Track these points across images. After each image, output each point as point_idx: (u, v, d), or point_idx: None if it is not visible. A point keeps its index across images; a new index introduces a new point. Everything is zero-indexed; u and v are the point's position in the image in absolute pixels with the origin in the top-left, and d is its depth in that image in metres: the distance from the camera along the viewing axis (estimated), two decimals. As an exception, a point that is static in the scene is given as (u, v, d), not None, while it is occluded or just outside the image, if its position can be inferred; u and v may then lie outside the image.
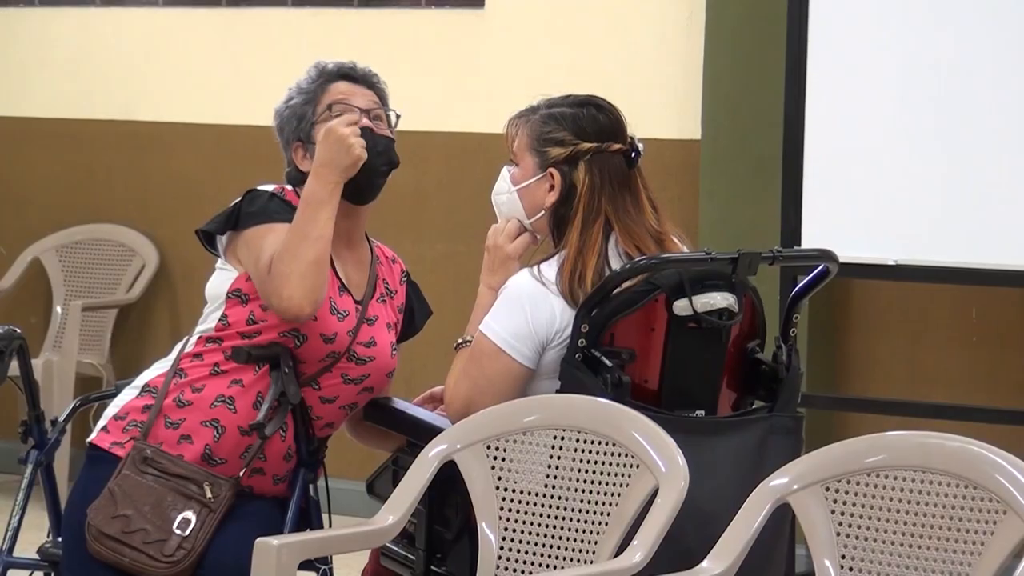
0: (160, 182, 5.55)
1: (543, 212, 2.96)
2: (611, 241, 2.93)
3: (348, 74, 3.09)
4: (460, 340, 2.99)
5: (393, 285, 3.14)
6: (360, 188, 3.02)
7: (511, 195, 2.98)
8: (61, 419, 3.26)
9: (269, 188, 3.04)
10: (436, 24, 5.24)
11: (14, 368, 3.18)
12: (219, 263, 3.05)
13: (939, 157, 4.33)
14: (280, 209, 2.98)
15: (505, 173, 3.01)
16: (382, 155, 3.03)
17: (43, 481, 3.24)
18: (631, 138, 2.99)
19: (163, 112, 5.55)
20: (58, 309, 5.61)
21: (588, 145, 2.94)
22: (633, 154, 2.97)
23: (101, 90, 5.61)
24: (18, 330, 3.18)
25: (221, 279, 3.02)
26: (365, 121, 3.03)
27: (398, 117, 3.10)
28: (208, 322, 3.02)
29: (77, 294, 5.58)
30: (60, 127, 5.65)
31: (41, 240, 5.66)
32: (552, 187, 2.94)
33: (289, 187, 3.06)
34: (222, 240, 3.03)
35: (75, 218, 5.65)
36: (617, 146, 2.96)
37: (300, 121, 3.06)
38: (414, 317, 3.17)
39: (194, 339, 3.02)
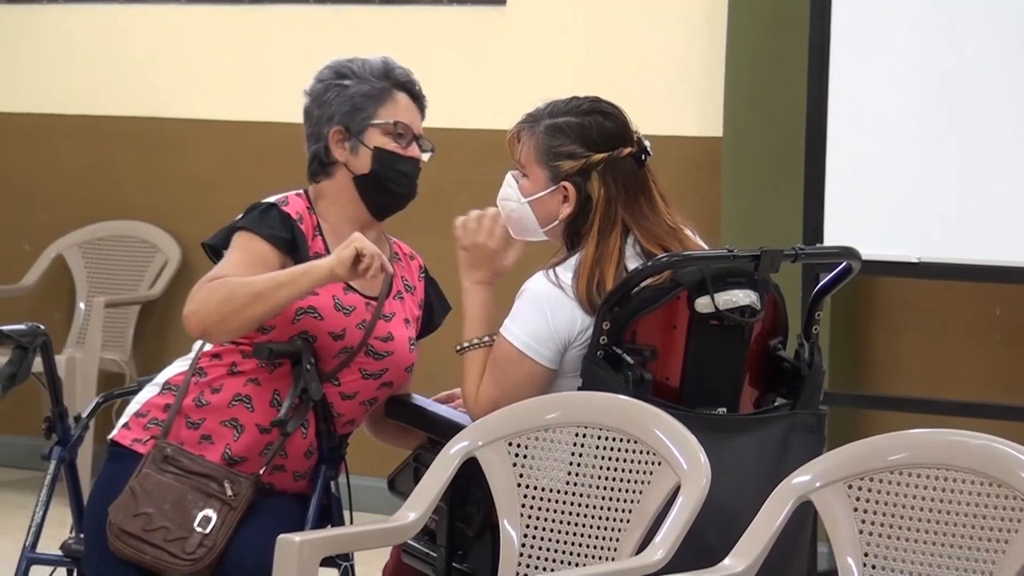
0: (181, 178, 5.57)
1: (557, 222, 2.95)
2: (628, 242, 2.92)
3: (410, 89, 3.06)
4: (463, 344, 2.97)
5: (412, 281, 3.14)
6: (379, 207, 3.03)
7: (522, 205, 2.96)
8: (84, 415, 3.27)
9: (272, 199, 3.02)
10: (457, 20, 5.24)
11: (37, 364, 3.18)
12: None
13: (962, 154, 4.31)
14: (272, 223, 2.96)
15: (511, 180, 2.99)
16: (402, 176, 3.02)
17: (66, 477, 3.24)
18: (637, 137, 2.97)
19: (185, 109, 5.56)
20: (81, 306, 5.63)
21: (599, 156, 2.92)
22: (642, 155, 2.95)
23: (122, 87, 5.63)
24: (42, 327, 3.19)
25: None
26: (414, 148, 3.03)
27: (433, 150, 3.08)
28: None
29: (100, 290, 5.59)
30: (82, 124, 5.67)
31: (64, 237, 5.67)
32: (566, 199, 2.93)
33: (295, 192, 3.04)
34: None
35: (97, 215, 5.66)
36: (627, 150, 2.94)
37: (355, 111, 3.01)
38: (433, 313, 3.16)
39: None
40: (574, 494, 2.73)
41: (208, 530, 2.88)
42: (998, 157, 4.28)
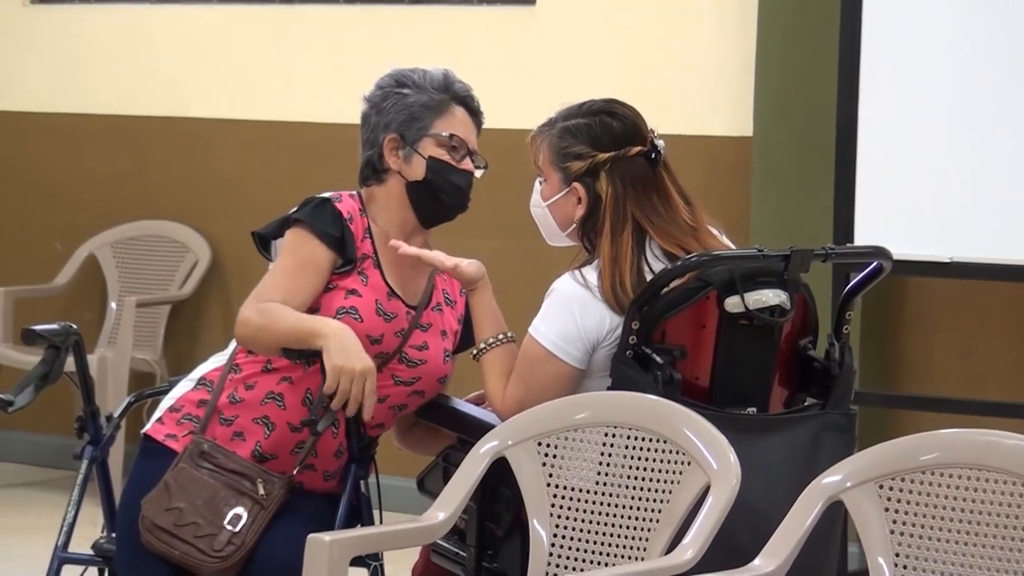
0: (212, 178, 5.58)
1: (575, 225, 2.96)
2: (648, 244, 2.92)
3: (468, 103, 3.08)
4: (479, 348, 2.96)
5: (453, 295, 3.14)
6: (428, 215, 3.05)
7: (544, 209, 2.99)
8: (116, 415, 3.28)
9: (326, 195, 3.04)
10: (487, 21, 5.24)
11: (70, 364, 3.20)
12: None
13: (993, 153, 4.29)
14: (323, 218, 2.98)
15: (536, 186, 3.02)
16: (454, 187, 3.03)
17: (98, 477, 3.25)
18: (651, 137, 2.97)
19: (215, 108, 5.57)
20: (112, 305, 5.65)
21: (605, 155, 2.93)
22: (653, 154, 2.95)
23: (153, 87, 5.65)
24: (74, 326, 3.20)
25: None
26: (468, 162, 3.04)
27: (487, 167, 3.09)
28: None
29: (131, 290, 5.62)
30: (113, 123, 5.69)
31: (96, 237, 5.70)
32: (579, 200, 2.94)
33: (348, 193, 3.06)
34: (276, 245, 3.04)
35: (129, 214, 5.68)
36: (636, 149, 2.94)
37: (412, 120, 3.02)
38: (472, 328, 3.17)
39: None
40: (604, 494, 2.73)
41: (238, 528, 2.90)
42: (1031, 156, 4.26)
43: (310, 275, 2.96)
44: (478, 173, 3.08)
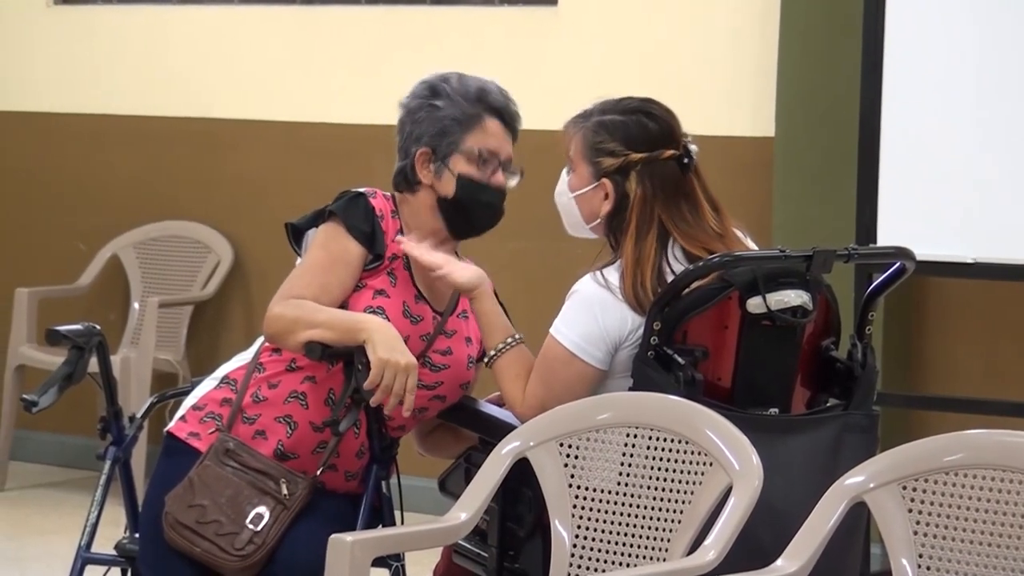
0: (234, 179, 5.60)
1: (599, 220, 2.96)
2: (671, 248, 2.91)
3: (503, 113, 3.06)
4: (491, 354, 2.96)
5: None
6: (459, 229, 3.05)
7: (570, 199, 2.98)
8: (139, 415, 3.29)
9: (361, 189, 3.05)
10: (509, 21, 5.24)
11: (93, 365, 3.20)
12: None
13: (1017, 153, 4.27)
14: (356, 212, 2.99)
15: (564, 175, 3.02)
16: (485, 206, 3.03)
17: (120, 477, 3.26)
18: (685, 141, 2.96)
19: (237, 110, 5.59)
20: (135, 306, 5.66)
21: (638, 156, 2.92)
22: (686, 159, 2.94)
23: (176, 87, 5.66)
24: (97, 327, 3.21)
25: None
26: (499, 176, 3.03)
27: (522, 175, 3.08)
28: None
29: (154, 291, 5.63)
30: (135, 125, 5.71)
31: (119, 237, 5.71)
32: (607, 196, 2.94)
33: (383, 193, 3.06)
34: (308, 237, 3.05)
35: (151, 215, 5.70)
36: (669, 153, 2.93)
37: (443, 135, 3.02)
38: None
39: None
40: (625, 495, 2.73)
41: (259, 527, 2.90)
42: (1054, 156, 4.24)
43: (341, 271, 2.97)
44: (513, 182, 3.07)
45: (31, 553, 4.85)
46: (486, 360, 2.99)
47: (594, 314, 2.88)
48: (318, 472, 2.95)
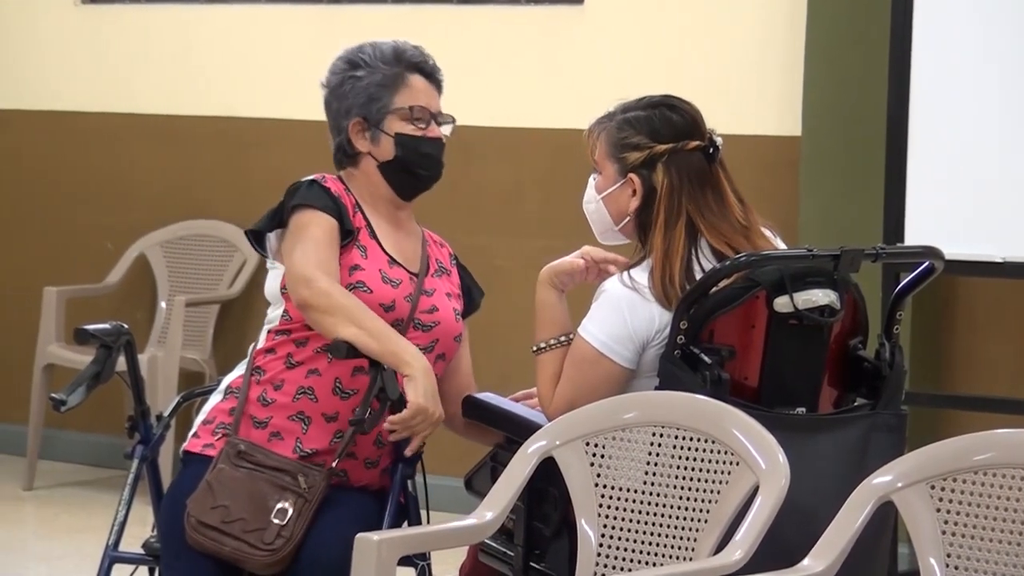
0: (260, 178, 5.60)
1: (628, 218, 2.96)
2: (700, 244, 2.91)
3: (423, 68, 3.09)
4: (539, 345, 2.98)
5: (446, 265, 3.18)
6: (405, 190, 3.07)
7: (598, 203, 2.99)
8: (166, 414, 3.29)
9: (310, 177, 3.07)
10: (535, 20, 5.24)
11: (121, 364, 3.21)
12: (268, 263, 3.08)
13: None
14: (318, 195, 3.01)
15: (591, 182, 3.02)
16: (425, 157, 3.05)
17: (148, 476, 3.26)
18: (710, 133, 2.97)
19: (264, 108, 5.60)
20: (163, 305, 5.68)
21: (663, 147, 2.93)
22: (711, 149, 2.95)
23: (203, 86, 5.68)
24: (125, 326, 3.21)
25: (273, 278, 3.06)
26: (434, 128, 3.05)
27: (454, 122, 3.10)
28: (273, 320, 3.06)
29: (181, 290, 5.64)
30: (163, 124, 5.72)
31: (146, 236, 5.73)
32: (634, 192, 2.94)
33: (329, 176, 3.08)
34: (271, 239, 3.06)
35: (178, 214, 5.71)
36: (694, 143, 2.94)
37: (371, 101, 3.06)
38: (472, 295, 3.20)
39: (263, 335, 3.06)
40: (652, 494, 2.73)
41: (285, 521, 2.91)
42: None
43: (334, 247, 2.98)
44: (446, 130, 3.10)
45: (60, 552, 4.87)
46: (534, 348, 3.00)
47: (622, 313, 2.88)
48: (335, 464, 2.95)
